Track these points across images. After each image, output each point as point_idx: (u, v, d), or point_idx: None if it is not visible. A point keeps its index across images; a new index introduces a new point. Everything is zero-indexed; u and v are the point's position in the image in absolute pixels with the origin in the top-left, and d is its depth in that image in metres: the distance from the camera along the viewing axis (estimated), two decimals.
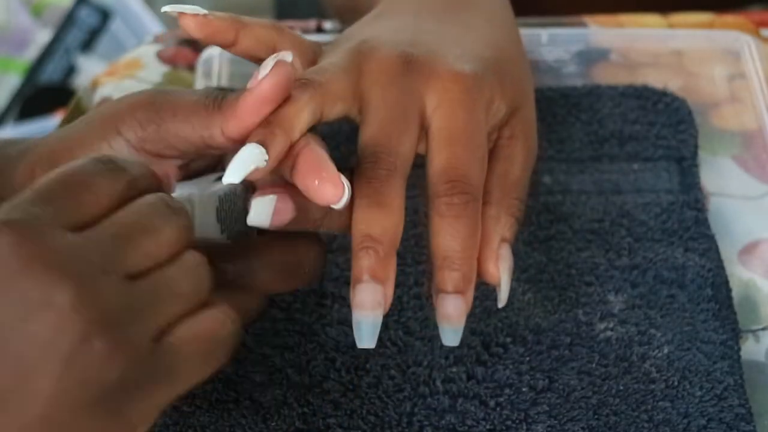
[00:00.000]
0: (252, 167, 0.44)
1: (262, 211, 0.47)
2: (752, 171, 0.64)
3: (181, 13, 0.49)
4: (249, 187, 0.48)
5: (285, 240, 0.49)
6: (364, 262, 0.46)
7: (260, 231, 0.48)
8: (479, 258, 0.49)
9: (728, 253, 0.59)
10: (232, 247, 0.49)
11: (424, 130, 0.50)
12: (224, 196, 0.48)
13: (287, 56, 0.46)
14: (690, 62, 0.70)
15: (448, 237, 0.47)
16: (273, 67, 0.46)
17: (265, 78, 0.45)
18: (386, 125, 0.49)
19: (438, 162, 0.49)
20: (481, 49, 0.53)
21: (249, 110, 0.46)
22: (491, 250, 0.49)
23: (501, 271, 0.49)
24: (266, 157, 0.45)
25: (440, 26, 0.53)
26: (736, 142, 0.65)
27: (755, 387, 0.53)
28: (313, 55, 0.52)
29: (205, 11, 0.50)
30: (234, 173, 0.44)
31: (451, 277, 0.47)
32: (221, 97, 0.47)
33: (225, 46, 0.51)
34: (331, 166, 0.46)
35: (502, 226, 0.50)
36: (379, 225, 0.46)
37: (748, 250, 0.60)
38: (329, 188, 0.45)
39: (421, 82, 0.50)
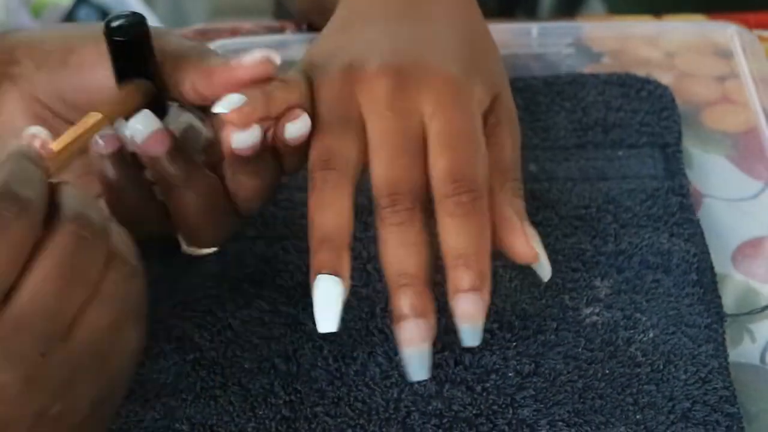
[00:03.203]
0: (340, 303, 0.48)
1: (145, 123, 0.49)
2: (746, 170, 0.64)
3: (228, 118, 0.48)
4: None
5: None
6: (404, 300, 0.47)
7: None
8: (508, 244, 0.49)
9: (723, 251, 0.59)
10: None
11: (424, 140, 0.50)
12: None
13: (276, 59, 0.49)
14: (682, 63, 0.70)
15: (461, 235, 0.47)
16: (259, 61, 0.49)
17: (246, 68, 0.49)
18: (396, 163, 0.49)
19: (441, 165, 0.49)
20: (457, 45, 0.53)
21: (222, 83, 0.49)
22: (516, 231, 0.50)
23: (536, 247, 0.50)
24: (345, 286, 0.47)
25: (412, 27, 0.54)
26: (729, 141, 0.65)
27: (750, 390, 0.53)
28: (304, 95, 0.51)
29: (241, 101, 0.48)
30: (327, 322, 0.48)
31: (468, 274, 0.47)
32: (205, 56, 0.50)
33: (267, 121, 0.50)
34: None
35: (515, 207, 0.50)
36: (413, 262, 0.47)
37: (744, 248, 0.60)
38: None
39: (414, 93, 0.50)
